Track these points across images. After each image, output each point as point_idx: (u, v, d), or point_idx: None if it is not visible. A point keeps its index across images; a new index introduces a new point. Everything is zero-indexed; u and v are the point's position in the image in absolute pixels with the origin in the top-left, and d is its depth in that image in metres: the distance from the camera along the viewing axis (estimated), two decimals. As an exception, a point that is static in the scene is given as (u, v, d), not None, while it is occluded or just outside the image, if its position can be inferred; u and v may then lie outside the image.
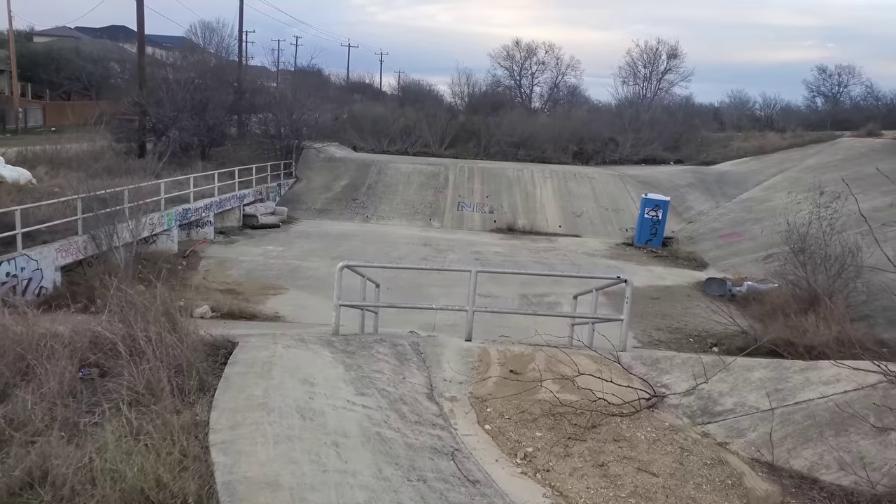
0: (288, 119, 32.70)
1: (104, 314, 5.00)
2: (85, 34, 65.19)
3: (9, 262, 12.77)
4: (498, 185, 33.18)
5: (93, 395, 4.10)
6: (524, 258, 23.12)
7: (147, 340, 4.38)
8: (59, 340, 4.51)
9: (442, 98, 58.79)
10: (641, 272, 22.19)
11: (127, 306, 5.13)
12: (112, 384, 4.19)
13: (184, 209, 20.82)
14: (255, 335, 5.84)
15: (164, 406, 3.79)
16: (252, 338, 5.73)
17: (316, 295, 16.80)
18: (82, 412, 3.84)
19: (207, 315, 14.05)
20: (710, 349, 15.12)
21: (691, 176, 36.28)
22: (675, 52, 63.72)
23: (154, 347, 4.32)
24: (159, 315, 4.81)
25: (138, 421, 3.63)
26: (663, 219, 27.08)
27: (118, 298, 5.30)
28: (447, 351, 6.33)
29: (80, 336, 4.58)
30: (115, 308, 5.11)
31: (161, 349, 4.35)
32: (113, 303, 5.25)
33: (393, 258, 21.70)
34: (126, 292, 5.46)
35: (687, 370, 5.92)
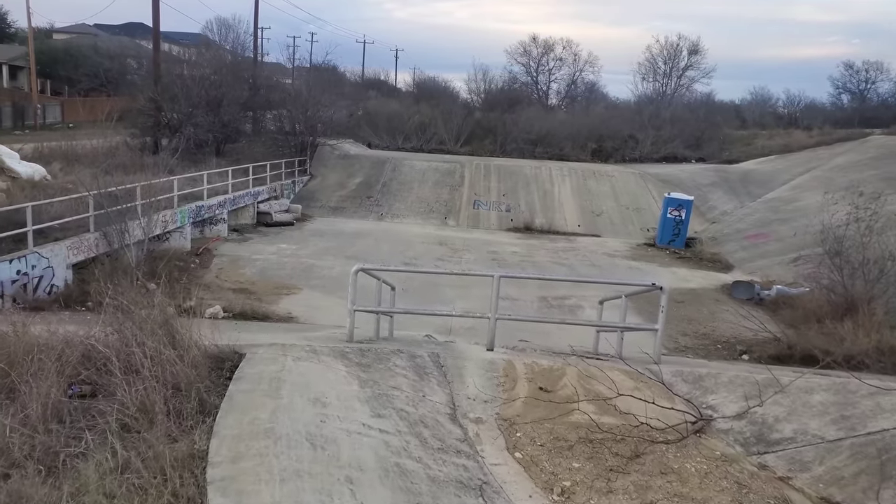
0: (303, 115, 32.34)
1: (98, 325, 4.56)
2: (103, 31, 65.37)
3: (20, 260, 12.46)
4: (515, 183, 32.63)
5: (82, 418, 3.68)
6: (543, 259, 22.57)
7: (144, 356, 3.95)
8: (48, 353, 4.09)
9: (458, 95, 58.32)
10: (665, 274, 21.57)
11: (124, 316, 4.71)
12: (104, 405, 3.76)
13: (197, 206, 20.49)
14: (264, 346, 5.39)
15: (157, 433, 3.36)
16: (260, 349, 5.28)
17: (330, 295, 16.39)
18: (67, 439, 3.41)
19: (219, 315, 13.68)
20: (739, 357, 14.53)
21: (714, 174, 35.50)
22: (696, 47, 62.81)
23: (150, 364, 3.90)
24: (157, 326, 4.38)
25: (127, 452, 3.19)
26: (686, 219, 26.41)
27: (115, 306, 4.87)
28: (469, 364, 5.85)
29: (71, 349, 4.16)
30: (108, 319, 4.67)
31: (158, 366, 3.92)
32: (109, 312, 4.82)
33: (408, 258, 21.26)
34: (123, 299, 5.02)
35: (735, 389, 5.40)
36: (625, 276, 20.87)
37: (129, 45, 50.84)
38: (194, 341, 4.60)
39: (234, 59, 40.34)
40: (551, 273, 20.34)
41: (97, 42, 52.60)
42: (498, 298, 7.22)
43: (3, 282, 11.82)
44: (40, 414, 3.50)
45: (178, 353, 4.16)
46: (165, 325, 4.51)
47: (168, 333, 4.42)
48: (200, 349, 4.61)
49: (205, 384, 4.15)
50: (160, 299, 5.03)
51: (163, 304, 4.94)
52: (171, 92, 28.97)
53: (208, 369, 4.49)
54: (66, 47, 50.91)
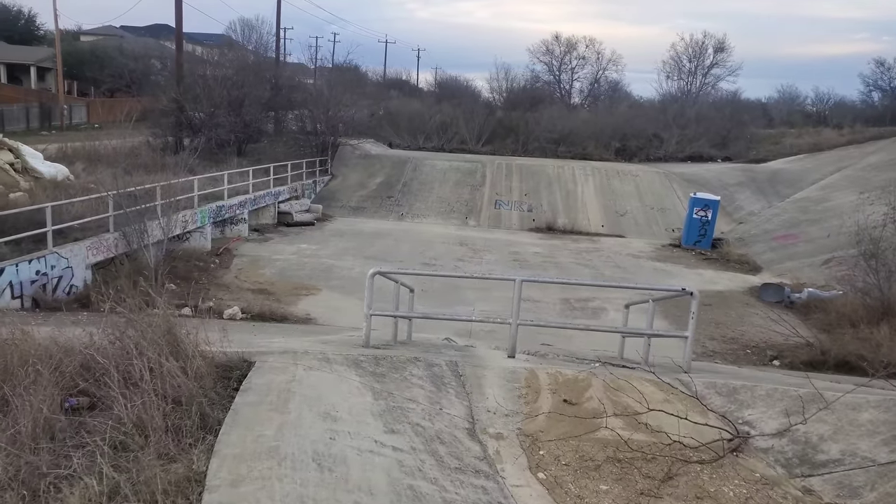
0: (324, 115, 32.26)
1: (99, 332, 4.33)
2: (130, 33, 66.10)
3: (39, 261, 12.41)
4: (537, 182, 32.24)
5: (76, 434, 3.46)
6: (565, 260, 22.18)
7: (144, 367, 3.72)
8: (46, 363, 3.88)
9: (479, 94, 57.96)
10: (691, 276, 21.09)
11: (126, 323, 4.49)
12: (100, 420, 3.54)
13: (218, 206, 20.43)
14: (275, 353, 5.15)
15: (150, 454, 3.12)
16: (270, 357, 5.04)
17: (349, 296, 16.19)
18: (57, 458, 3.19)
19: (237, 317, 13.54)
20: (769, 362, 14.05)
21: (741, 174, 34.80)
22: (722, 45, 61.76)
23: (149, 376, 3.67)
24: (160, 335, 4.15)
25: (117, 475, 2.95)
26: (713, 219, 25.84)
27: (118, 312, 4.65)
28: (489, 373, 5.56)
29: (71, 357, 3.95)
30: (110, 325, 4.45)
31: (158, 379, 3.69)
32: (111, 318, 4.60)
33: (428, 258, 21.01)
34: (125, 305, 4.81)
35: (774, 404, 5.04)
36: (650, 277, 20.43)
37: (153, 46, 51.27)
38: (200, 350, 4.37)
39: (257, 59, 40.38)
40: (574, 275, 19.97)
41: (122, 43, 53.14)
42: (519, 303, 6.92)
43: (22, 282, 11.77)
44: (30, 430, 3.28)
45: (180, 363, 3.93)
46: (169, 334, 4.28)
47: (171, 342, 4.19)
48: (207, 358, 4.38)
49: (209, 397, 3.91)
50: (164, 306, 4.80)
51: (167, 311, 4.71)
52: (194, 92, 29.05)
53: (215, 379, 4.25)
54: (92, 49, 51.48)
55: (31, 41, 53.91)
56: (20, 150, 18.02)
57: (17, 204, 15.16)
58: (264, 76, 35.18)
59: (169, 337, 4.25)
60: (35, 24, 57.48)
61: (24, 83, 45.83)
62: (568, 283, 8.12)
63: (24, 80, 46.92)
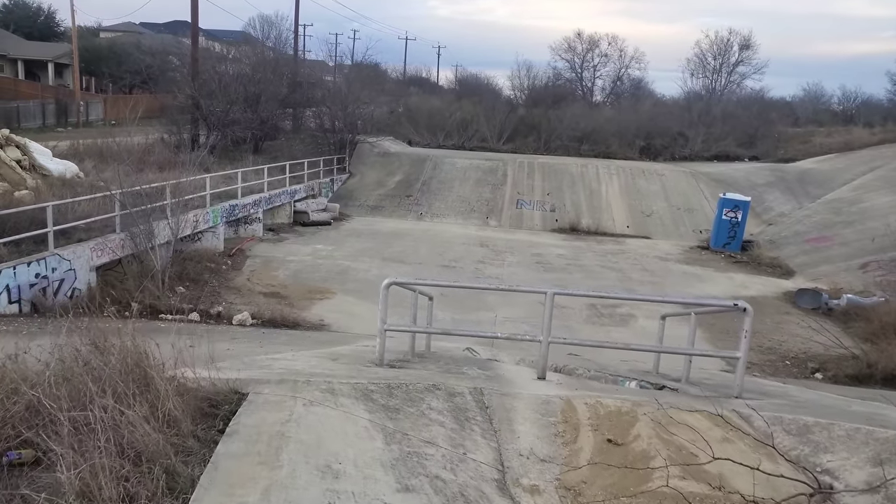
0: (342, 112, 31.63)
1: (54, 362, 3.61)
2: (149, 30, 66.04)
3: (38, 263, 11.83)
4: (560, 181, 31.37)
5: (9, 501, 2.79)
6: (591, 262, 21.34)
7: (98, 415, 3.02)
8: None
9: (500, 91, 57.09)
10: (721, 280, 20.18)
11: (89, 351, 3.81)
12: (44, 480, 2.87)
13: (231, 205, 19.85)
14: (272, 382, 4.43)
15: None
16: (266, 387, 4.34)
17: (364, 300, 15.51)
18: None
19: (247, 322, 12.91)
20: (811, 375, 13.16)
21: (770, 174, 33.67)
22: (748, 42, 60.29)
23: (104, 426, 2.98)
24: (123, 372, 3.44)
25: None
26: (743, 221, 24.84)
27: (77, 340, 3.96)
28: (520, 404, 4.81)
29: (15, 398, 3.25)
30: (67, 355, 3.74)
31: (115, 430, 2.99)
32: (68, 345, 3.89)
33: (447, 260, 20.29)
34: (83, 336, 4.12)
35: (858, 448, 4.26)
36: (679, 281, 19.55)
37: (171, 43, 50.98)
38: (179, 385, 3.68)
39: (275, 55, 39.84)
40: (600, 278, 19.14)
41: (140, 40, 52.96)
42: (551, 319, 6.16)
43: (20, 286, 11.20)
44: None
45: (148, 407, 3.24)
46: (137, 368, 3.60)
47: (140, 378, 3.51)
48: (187, 395, 3.69)
49: (185, 446, 3.22)
50: (132, 331, 4.10)
51: (135, 341, 4.01)
52: (210, 88, 28.55)
53: (196, 420, 3.56)
54: (109, 45, 51.39)
55: (50, 38, 53.92)
56: (28, 147, 17.55)
57: (21, 202, 14.65)
58: (282, 72, 34.62)
59: (137, 372, 3.56)
60: (54, 21, 57.53)
61: (41, 79, 45.76)
62: (606, 296, 7.33)
63: (42, 76, 46.88)
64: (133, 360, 3.64)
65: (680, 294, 17.73)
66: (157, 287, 13.42)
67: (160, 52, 46.58)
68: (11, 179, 16.57)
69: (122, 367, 3.57)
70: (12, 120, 33.65)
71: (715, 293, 18.35)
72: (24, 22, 54.93)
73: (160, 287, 13.54)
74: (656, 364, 9.61)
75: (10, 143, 17.42)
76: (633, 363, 12.04)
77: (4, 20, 54.45)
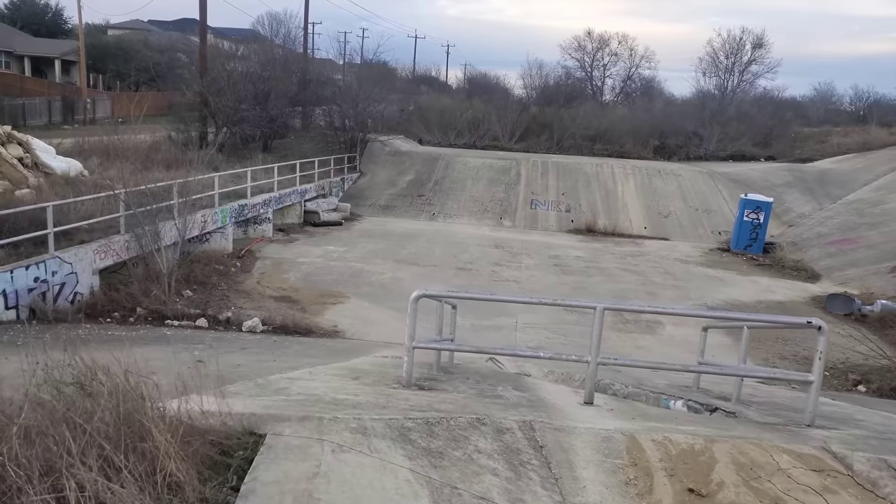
0: (353, 110, 31.00)
1: (19, 421, 2.88)
2: (157, 27, 65.60)
3: (38, 266, 11.23)
4: (574, 181, 30.68)
5: None
6: (610, 265, 20.65)
7: (72, 489, 2.36)
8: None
9: (510, 90, 56.34)
10: (745, 283, 19.46)
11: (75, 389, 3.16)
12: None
13: (240, 205, 19.25)
14: (293, 420, 3.79)
15: None
16: (287, 426, 3.70)
17: (379, 305, 14.89)
18: None
19: (257, 329, 12.30)
20: (853, 388, 12.47)
21: (788, 174, 32.90)
22: (760, 41, 59.35)
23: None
24: (108, 430, 2.77)
25: None
26: (765, 222, 24.11)
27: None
28: (577, 442, 4.16)
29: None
30: (43, 410, 3.02)
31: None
32: (42, 392, 3.18)
33: (462, 262, 19.64)
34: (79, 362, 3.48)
35: None
36: (702, 285, 18.85)
37: (179, 40, 50.52)
38: (182, 429, 3.04)
39: (284, 52, 39.26)
40: (621, 281, 18.45)
41: (148, 37, 52.50)
42: (600, 337, 5.51)
43: (17, 290, 10.61)
44: None
45: (145, 467, 2.61)
46: (131, 417, 2.93)
47: (135, 429, 2.86)
48: (193, 439, 3.06)
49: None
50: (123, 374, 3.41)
51: (130, 382, 3.33)
52: (218, 85, 27.98)
53: (204, 476, 2.93)
54: (117, 42, 50.94)
55: (57, 35, 53.56)
56: (30, 144, 17.00)
57: (22, 202, 14.09)
58: (292, 70, 34.04)
59: (132, 421, 2.92)
60: (62, 18, 57.19)
61: (48, 77, 45.34)
62: (657, 311, 6.67)
63: (49, 73, 46.47)
64: (126, 409, 2.99)
65: (718, 305, 17.06)
66: (162, 291, 12.82)
67: (168, 49, 46.14)
68: (13, 178, 16.02)
69: (114, 416, 2.94)
70: (18, 117, 33.17)
71: (740, 298, 17.66)
72: (31, 19, 54.58)
73: (166, 291, 12.94)
74: (696, 379, 8.93)
75: (11, 141, 16.88)
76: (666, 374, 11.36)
77: (12, 17, 54.12)
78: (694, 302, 16.87)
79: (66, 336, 8.42)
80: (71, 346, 3.65)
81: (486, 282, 17.51)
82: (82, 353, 3.49)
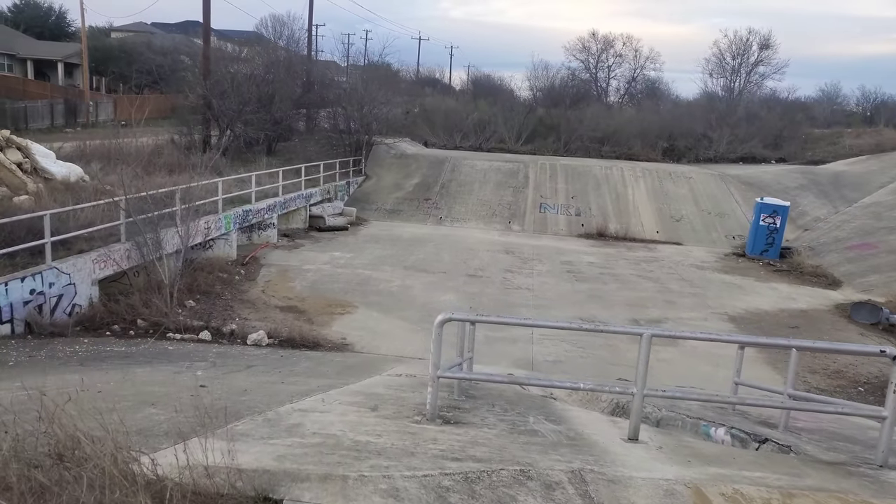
0: (358, 112, 30.47)
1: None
2: (161, 30, 65.20)
3: (34, 278, 10.71)
4: (584, 184, 30.12)
5: None
6: (624, 271, 20.08)
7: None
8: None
9: (514, 92, 55.75)
10: (765, 291, 18.87)
11: (53, 462, 2.63)
12: None
13: (244, 211, 18.72)
14: (313, 479, 3.26)
15: None
16: (307, 489, 3.16)
17: (388, 315, 14.35)
18: None
19: (263, 342, 11.77)
20: (888, 403, 11.88)
21: (801, 176, 32.30)
22: (767, 42, 58.71)
23: None
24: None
25: None
26: (782, 227, 23.51)
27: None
28: (639, 500, 3.62)
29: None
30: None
31: None
32: (9, 472, 2.63)
33: (473, 269, 19.09)
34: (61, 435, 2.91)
35: None
36: (720, 292, 18.27)
37: (182, 42, 50.10)
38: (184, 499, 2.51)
39: (288, 54, 38.78)
40: (638, 288, 17.88)
41: (151, 39, 52.07)
42: (647, 365, 4.96)
43: (13, 304, 10.08)
44: None
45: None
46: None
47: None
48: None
49: None
50: (114, 442, 2.83)
51: (119, 460, 2.76)
52: (222, 87, 27.49)
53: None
54: (120, 45, 50.54)
55: (61, 38, 53.18)
56: (30, 149, 16.49)
57: (20, 209, 13.59)
58: (296, 71, 33.54)
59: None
60: (66, 21, 56.85)
61: (51, 79, 44.92)
62: (715, 339, 6.03)
63: (52, 76, 46.05)
64: (113, 499, 2.44)
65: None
66: (164, 302, 12.30)
67: (171, 52, 45.66)
68: (11, 183, 15.52)
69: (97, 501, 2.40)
70: (20, 120, 32.74)
71: (761, 306, 17.09)
72: (34, 22, 54.23)
73: (168, 302, 12.42)
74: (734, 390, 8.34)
75: (10, 145, 16.37)
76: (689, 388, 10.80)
77: (15, 20, 53.77)
78: (713, 310, 16.30)
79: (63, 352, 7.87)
80: (47, 418, 3.03)
81: (499, 290, 16.96)
82: (62, 418, 2.93)
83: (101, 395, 5.96)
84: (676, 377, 11.20)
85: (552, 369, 11.50)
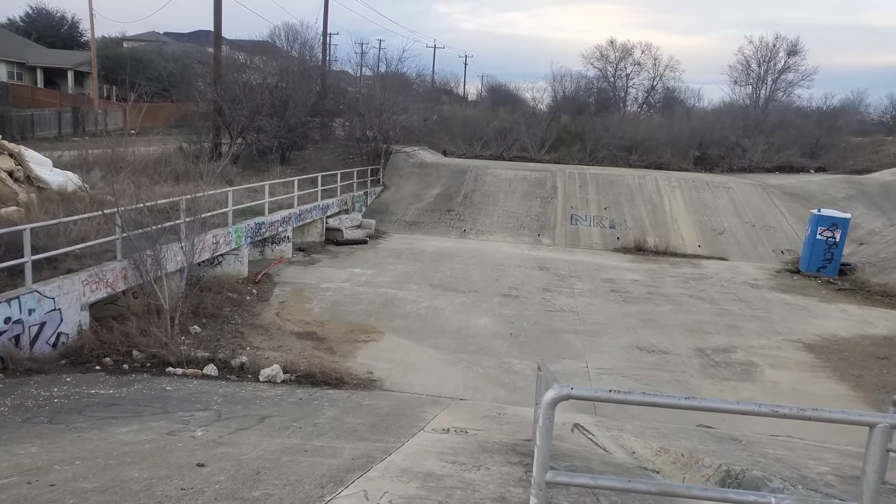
0: (376, 120, 28.84)
1: None
2: (173, 39, 64.21)
3: (10, 304, 9.05)
4: (617, 194, 28.29)
5: None
6: (673, 290, 18.20)
7: None
8: None
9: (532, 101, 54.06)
10: (834, 313, 16.93)
11: None
12: None
13: (256, 223, 17.06)
14: None
15: None
16: None
17: (419, 343, 12.58)
18: None
19: (278, 379, 10.04)
20: None
21: (847, 186, 30.27)
22: (794, 48, 56.67)
23: None
24: None
25: None
26: (841, 241, 21.55)
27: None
28: None
29: None
30: None
31: None
32: None
33: (507, 288, 17.30)
34: None
35: None
36: (785, 315, 16.35)
37: (193, 50, 48.88)
38: None
39: (302, 61, 37.32)
40: (692, 310, 15.99)
41: (162, 47, 50.94)
42: (885, 468, 3.17)
43: (-20, 336, 8.43)
44: None
45: None
46: None
47: None
48: None
49: None
50: None
51: None
52: (233, 93, 26.00)
53: None
54: (131, 53, 49.40)
55: (73, 47, 52.25)
56: (23, 156, 14.93)
57: (6, 221, 12.01)
58: (310, 76, 32.03)
59: None
60: (78, 31, 55.99)
61: (61, 88, 43.81)
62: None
63: (62, 84, 44.97)
64: None
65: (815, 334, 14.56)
66: (164, 330, 10.61)
67: (182, 59, 44.39)
68: (1, 193, 13.96)
69: None
70: (26, 128, 31.47)
71: (837, 332, 15.17)
72: (46, 31, 53.37)
73: (168, 330, 10.74)
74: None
75: (2, 152, 14.83)
76: (818, 453, 9.02)
77: (27, 29, 52.92)
78: (784, 337, 14.40)
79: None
80: None
81: (539, 312, 15.17)
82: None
83: (52, 489, 4.24)
84: (754, 422, 9.36)
85: (617, 411, 9.70)
